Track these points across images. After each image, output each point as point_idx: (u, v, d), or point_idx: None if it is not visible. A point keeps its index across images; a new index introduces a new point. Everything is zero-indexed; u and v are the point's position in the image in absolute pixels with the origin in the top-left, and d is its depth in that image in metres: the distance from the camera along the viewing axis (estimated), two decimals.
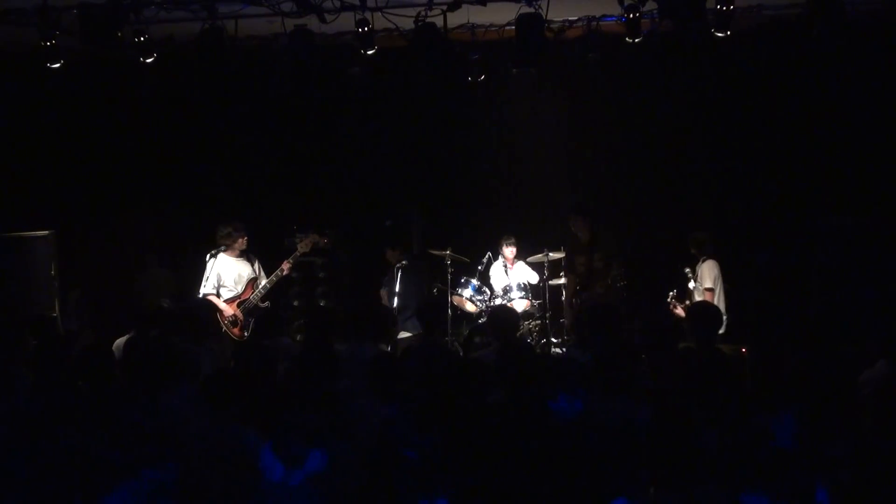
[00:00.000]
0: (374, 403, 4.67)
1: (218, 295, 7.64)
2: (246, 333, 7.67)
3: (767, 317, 6.52)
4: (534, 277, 9.31)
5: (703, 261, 7.91)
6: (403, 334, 8.29)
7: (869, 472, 3.64)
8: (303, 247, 7.99)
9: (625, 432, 3.88)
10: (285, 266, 7.77)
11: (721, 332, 7.49)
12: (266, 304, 7.75)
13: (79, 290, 9.64)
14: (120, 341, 6.57)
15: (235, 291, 7.69)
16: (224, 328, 7.60)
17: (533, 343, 8.88)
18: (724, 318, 7.59)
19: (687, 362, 4.94)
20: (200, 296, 7.57)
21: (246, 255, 7.81)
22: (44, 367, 5.13)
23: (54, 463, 4.11)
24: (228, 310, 7.62)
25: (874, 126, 8.85)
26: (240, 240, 7.68)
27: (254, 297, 7.69)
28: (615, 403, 4.44)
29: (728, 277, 8.15)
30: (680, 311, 7.76)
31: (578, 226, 8.52)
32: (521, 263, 9.42)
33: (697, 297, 7.79)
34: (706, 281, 7.79)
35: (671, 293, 7.94)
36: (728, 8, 7.01)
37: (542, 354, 8.09)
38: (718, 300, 7.78)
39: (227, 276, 7.69)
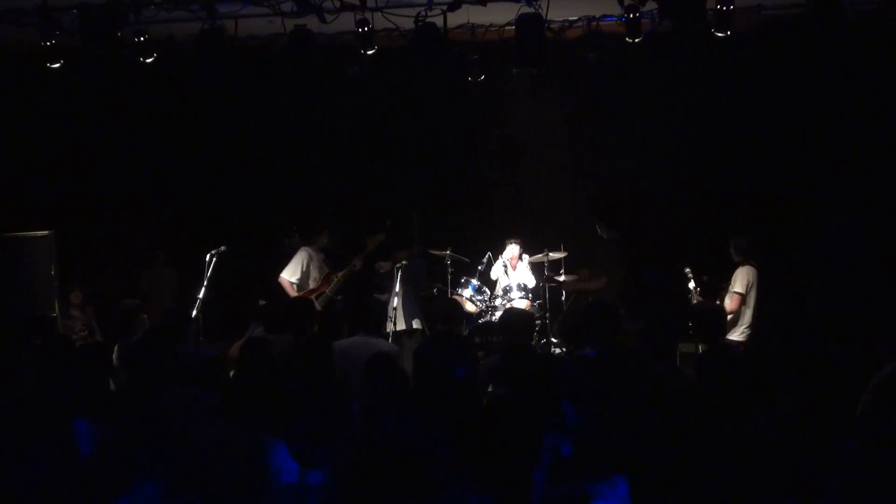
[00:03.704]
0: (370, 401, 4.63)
1: (300, 287, 8.13)
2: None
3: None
4: (531, 281, 9.30)
5: (741, 265, 7.70)
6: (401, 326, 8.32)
7: (875, 470, 3.64)
8: (371, 243, 8.42)
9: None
10: (357, 262, 8.28)
11: (742, 339, 7.53)
12: (339, 297, 8.25)
13: (78, 293, 9.57)
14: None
15: (317, 284, 8.21)
16: None
17: (533, 343, 8.86)
18: (748, 326, 7.61)
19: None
20: (290, 281, 8.09)
21: (322, 251, 8.40)
22: (44, 367, 5.12)
23: (54, 464, 4.10)
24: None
25: (875, 126, 8.85)
26: (327, 235, 8.34)
27: (330, 290, 8.17)
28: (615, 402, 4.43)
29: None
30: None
31: (603, 229, 8.68)
32: (523, 265, 9.40)
33: (727, 300, 7.73)
34: (737, 285, 7.60)
35: (696, 288, 7.91)
36: (728, 8, 7.01)
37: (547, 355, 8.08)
38: (747, 307, 7.62)
39: (315, 270, 8.22)
